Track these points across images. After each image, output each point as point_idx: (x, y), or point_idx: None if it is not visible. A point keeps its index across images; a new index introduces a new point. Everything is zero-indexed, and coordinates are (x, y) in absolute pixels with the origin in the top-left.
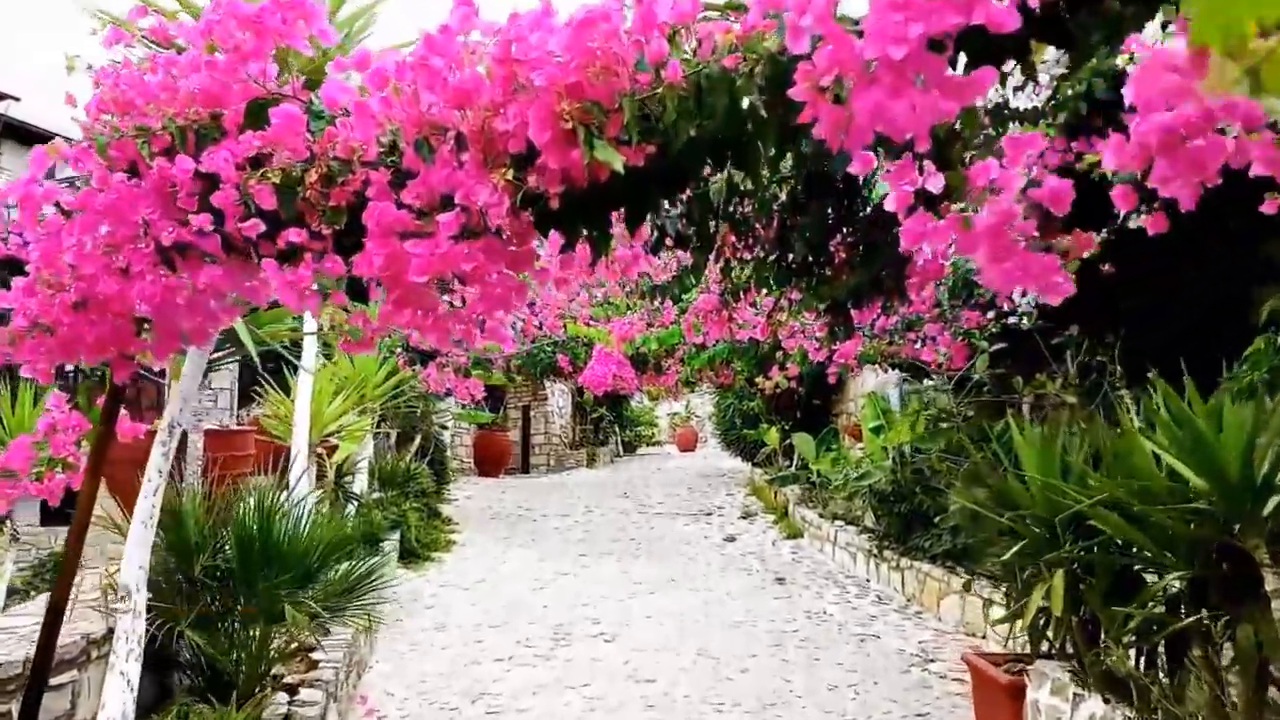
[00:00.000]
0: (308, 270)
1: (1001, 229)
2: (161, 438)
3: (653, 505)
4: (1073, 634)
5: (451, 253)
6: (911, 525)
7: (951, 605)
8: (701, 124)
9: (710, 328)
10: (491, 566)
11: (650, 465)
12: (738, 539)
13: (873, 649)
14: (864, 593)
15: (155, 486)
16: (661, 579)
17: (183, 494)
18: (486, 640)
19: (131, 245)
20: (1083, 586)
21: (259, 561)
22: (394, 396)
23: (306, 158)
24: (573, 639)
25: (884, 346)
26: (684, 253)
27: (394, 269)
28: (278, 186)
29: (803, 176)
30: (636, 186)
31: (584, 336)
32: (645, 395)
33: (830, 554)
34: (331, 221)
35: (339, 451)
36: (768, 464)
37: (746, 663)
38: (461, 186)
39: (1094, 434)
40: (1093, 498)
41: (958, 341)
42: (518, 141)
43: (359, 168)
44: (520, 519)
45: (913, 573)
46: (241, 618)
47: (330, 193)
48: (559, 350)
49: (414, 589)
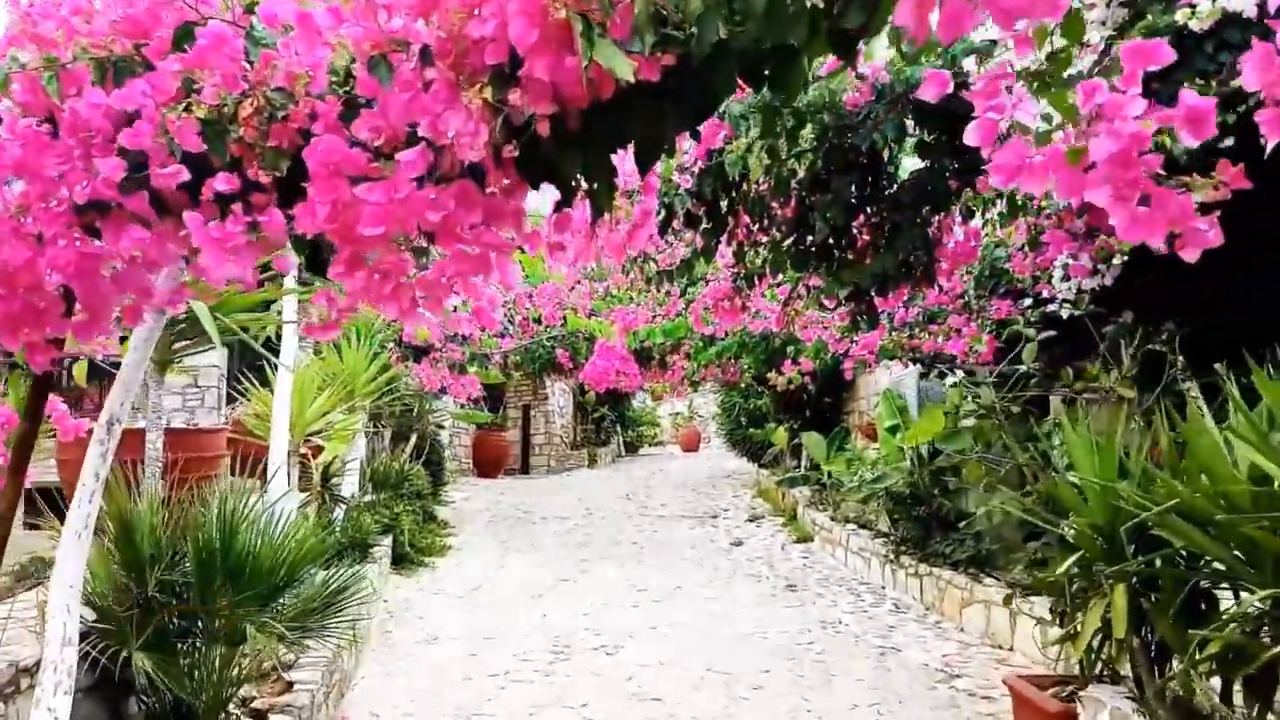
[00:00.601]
0: (237, 224)
1: (1130, 157)
2: (99, 436)
3: (656, 507)
4: (1135, 658)
5: (414, 199)
6: (930, 529)
7: (975, 615)
8: (734, 26)
9: (721, 317)
10: (488, 573)
11: (653, 466)
12: (745, 543)
13: (894, 663)
14: (880, 600)
15: (91, 492)
16: (666, 586)
17: (139, 500)
18: (481, 654)
19: (43, 205)
20: (1145, 604)
21: (221, 576)
22: (387, 394)
23: (243, 90)
24: (573, 652)
25: (904, 340)
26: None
27: (342, 220)
28: (205, 124)
29: (824, 150)
30: (650, 109)
31: (585, 330)
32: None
33: (842, 559)
34: (272, 166)
35: (325, 452)
36: (774, 464)
37: (759, 679)
38: (427, 113)
39: (1156, 432)
40: (1158, 503)
41: (986, 333)
42: (497, 49)
43: (304, 99)
44: (519, 522)
45: (932, 580)
46: (204, 638)
47: (270, 130)
48: (558, 345)
49: (406, 597)
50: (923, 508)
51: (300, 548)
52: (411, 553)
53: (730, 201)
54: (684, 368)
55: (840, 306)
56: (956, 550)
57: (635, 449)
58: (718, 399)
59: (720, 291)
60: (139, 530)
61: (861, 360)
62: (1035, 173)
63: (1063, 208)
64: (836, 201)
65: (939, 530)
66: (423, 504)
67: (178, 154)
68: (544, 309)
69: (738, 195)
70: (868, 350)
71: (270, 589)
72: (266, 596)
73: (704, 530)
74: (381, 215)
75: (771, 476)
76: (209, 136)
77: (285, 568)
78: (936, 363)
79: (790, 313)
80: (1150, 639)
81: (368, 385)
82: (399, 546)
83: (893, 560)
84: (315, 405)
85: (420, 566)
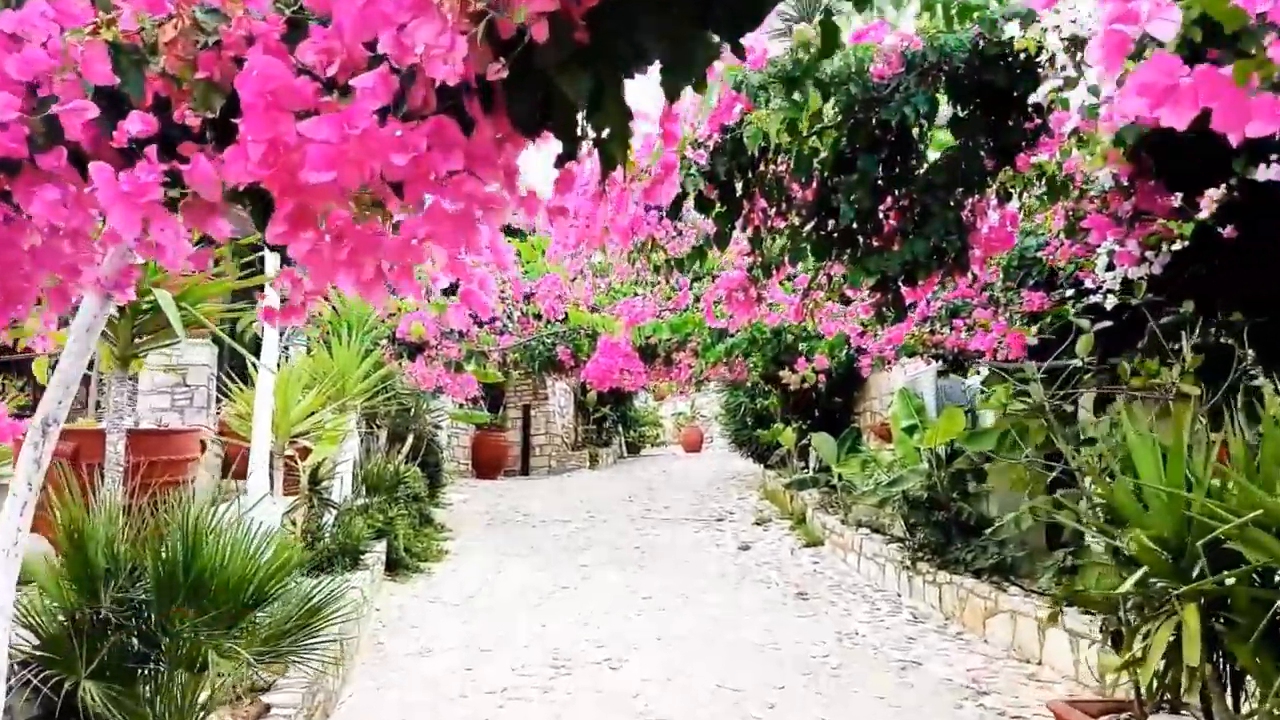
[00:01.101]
0: (150, 173)
1: None
2: (33, 439)
3: (659, 510)
4: (1206, 686)
5: (374, 137)
6: (950, 535)
7: (1000, 626)
8: None
9: (735, 310)
10: (486, 579)
11: (655, 467)
12: (752, 547)
13: (916, 678)
14: (896, 609)
15: (23, 504)
16: (672, 593)
17: (95, 510)
18: (477, 668)
19: None
20: (1218, 626)
21: (184, 594)
22: (381, 393)
23: (168, 13)
24: (574, 666)
25: (925, 336)
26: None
27: (283, 165)
28: (118, 52)
29: (849, 125)
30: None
31: (587, 325)
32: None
33: (855, 564)
34: (202, 104)
35: (314, 454)
36: (781, 466)
37: (773, 695)
38: (389, 24)
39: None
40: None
41: (1017, 327)
42: None
43: (240, 19)
44: (518, 524)
45: (952, 588)
46: (167, 662)
47: (198, 60)
48: (560, 342)
49: (400, 604)
50: (942, 512)
51: (275, 560)
52: (406, 558)
53: (746, 183)
54: (691, 366)
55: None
56: (979, 557)
57: (637, 449)
58: (721, 399)
59: (734, 282)
60: (93, 543)
61: (880, 357)
62: (1184, 98)
63: (1108, 189)
64: (862, 182)
65: (960, 536)
66: (419, 507)
67: (87, 90)
68: (544, 302)
69: (754, 176)
70: (893, 345)
71: (238, 608)
72: (234, 616)
73: (709, 533)
74: (331, 157)
75: (778, 478)
76: (124, 68)
77: (254, 584)
78: (961, 359)
79: (809, 304)
80: (1222, 666)
81: (359, 384)
82: (393, 552)
83: (909, 567)
84: (301, 405)
85: (415, 572)
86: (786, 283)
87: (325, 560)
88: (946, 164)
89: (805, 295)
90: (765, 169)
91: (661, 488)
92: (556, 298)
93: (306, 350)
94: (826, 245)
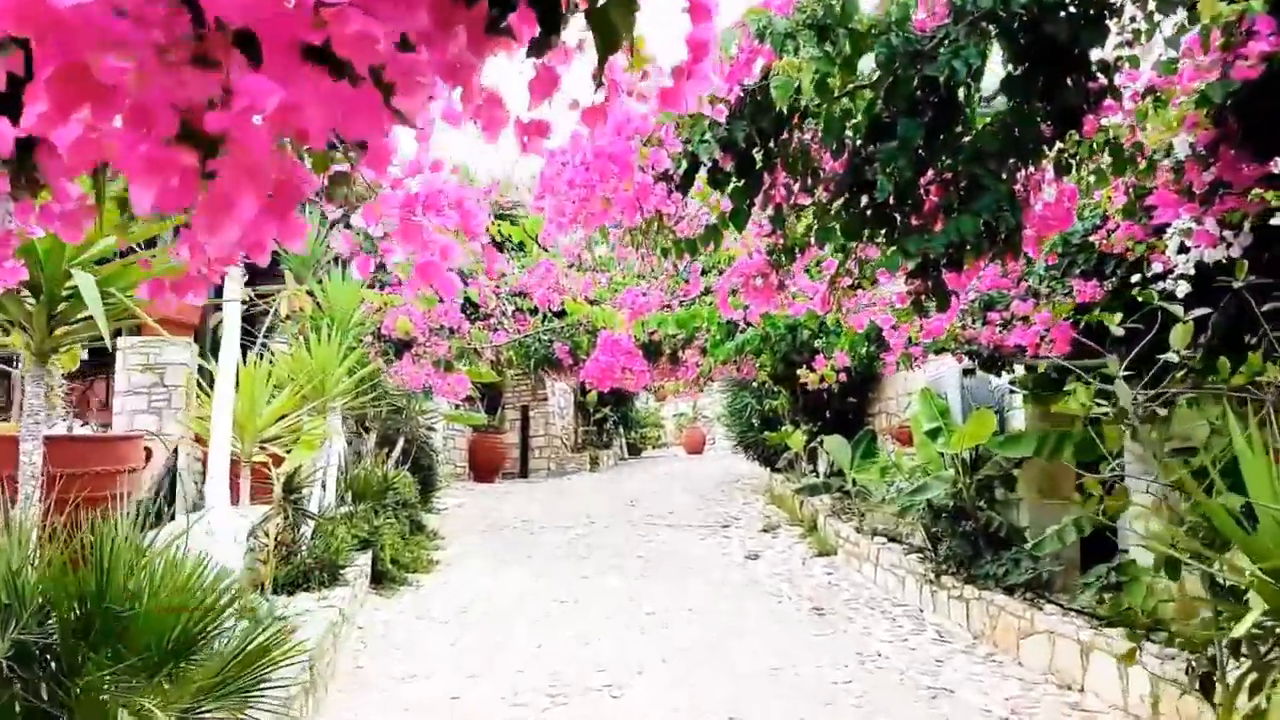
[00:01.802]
0: None
1: None
2: None
3: (662, 515)
4: None
5: None
6: (979, 547)
7: (1036, 648)
8: None
9: (753, 299)
10: (478, 592)
11: (657, 469)
12: (761, 556)
13: (949, 708)
14: (920, 627)
15: None
16: (676, 608)
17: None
18: (465, 696)
19: None
20: None
21: (98, 635)
22: (367, 394)
23: None
24: (571, 694)
25: (957, 330)
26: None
27: None
28: None
29: (886, 84)
30: None
31: (587, 320)
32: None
33: (871, 575)
34: None
35: (290, 459)
36: (789, 470)
37: None
38: None
39: None
40: None
41: (1060, 321)
42: None
43: None
44: (514, 531)
45: (980, 604)
46: (82, 712)
47: None
48: (557, 338)
49: (384, 620)
50: (969, 522)
51: (211, 591)
52: (393, 570)
53: (768, 153)
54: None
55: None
56: (1010, 572)
57: (638, 451)
58: (724, 399)
59: (752, 267)
60: None
61: (906, 354)
62: None
63: (1185, 158)
64: (903, 150)
65: (989, 548)
66: (410, 513)
67: None
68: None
69: (777, 145)
70: (932, 338)
71: (163, 654)
72: (157, 664)
73: (715, 541)
74: None
75: (786, 482)
76: None
77: (181, 625)
78: (996, 357)
79: (837, 293)
80: None
81: (340, 383)
82: (379, 563)
83: (932, 581)
84: (272, 406)
85: (403, 585)
86: (815, 268)
87: (300, 576)
88: (998, 130)
89: (833, 282)
90: (789, 135)
91: (664, 491)
92: (550, 288)
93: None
94: (859, 224)
